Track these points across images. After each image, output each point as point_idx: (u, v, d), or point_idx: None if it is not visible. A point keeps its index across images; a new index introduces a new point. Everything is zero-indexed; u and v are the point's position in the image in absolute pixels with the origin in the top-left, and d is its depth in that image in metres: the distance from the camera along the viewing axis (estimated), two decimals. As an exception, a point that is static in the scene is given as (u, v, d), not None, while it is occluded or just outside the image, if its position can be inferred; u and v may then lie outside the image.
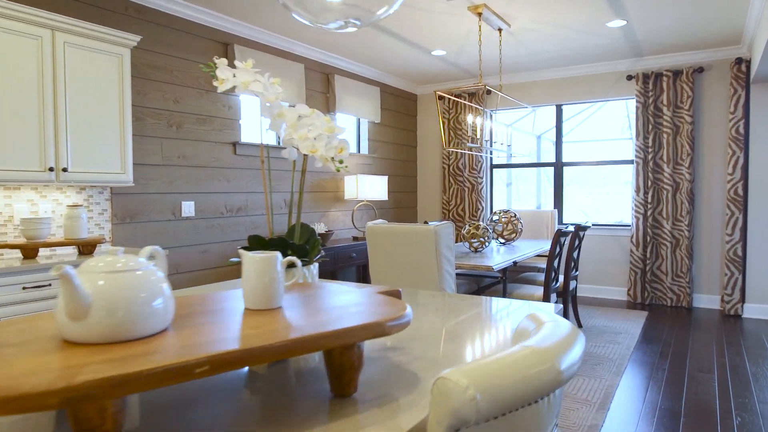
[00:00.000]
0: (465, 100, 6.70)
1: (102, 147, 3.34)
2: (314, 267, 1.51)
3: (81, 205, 3.23)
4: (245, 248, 1.57)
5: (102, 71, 3.32)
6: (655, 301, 5.76)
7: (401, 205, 6.98)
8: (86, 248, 3.22)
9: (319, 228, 5.08)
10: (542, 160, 6.72)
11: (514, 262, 3.75)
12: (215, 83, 1.42)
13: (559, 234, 3.83)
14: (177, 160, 4.12)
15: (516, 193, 7.04)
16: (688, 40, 5.11)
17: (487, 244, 4.25)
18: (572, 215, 6.46)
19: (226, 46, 4.48)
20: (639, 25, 4.66)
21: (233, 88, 1.38)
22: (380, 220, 3.48)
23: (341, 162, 1.35)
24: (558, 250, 3.93)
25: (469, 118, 4.02)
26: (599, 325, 4.84)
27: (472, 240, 4.24)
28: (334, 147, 1.35)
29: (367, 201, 6.05)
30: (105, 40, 3.31)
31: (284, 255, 1.51)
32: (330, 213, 5.72)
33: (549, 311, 1.07)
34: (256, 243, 1.54)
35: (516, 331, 1.07)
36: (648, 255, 5.71)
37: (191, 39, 4.19)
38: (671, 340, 4.38)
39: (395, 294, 1.14)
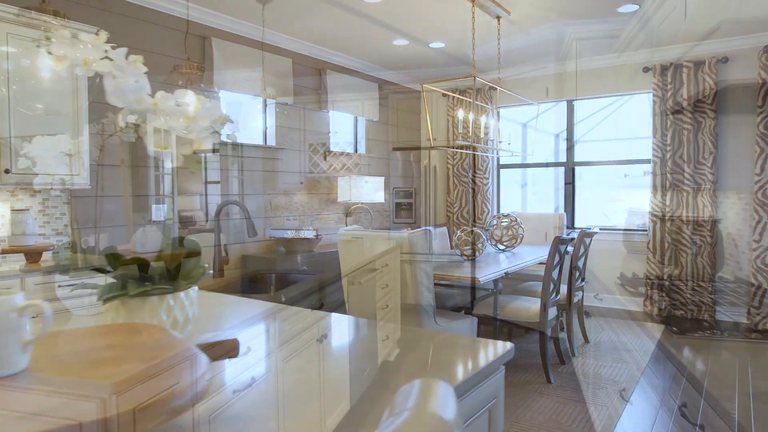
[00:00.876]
0: (469, 97, 6.31)
1: (53, 147, 3.08)
2: (186, 295, 1.19)
3: (27, 210, 2.98)
4: (97, 269, 1.26)
5: (52, 65, 3.07)
6: (673, 314, 5.28)
7: (404, 207, 6.63)
8: (32, 257, 2.97)
9: (307, 233, 4.77)
10: (560, 160, 6.29)
11: (506, 273, 3.38)
12: (51, 61, 1.11)
13: (558, 242, 3.44)
14: (147, 161, 3.85)
15: (533, 194, 6.60)
16: (709, 27, 4.64)
17: (481, 251, 3.88)
18: (592, 218, 5.99)
19: (203, 39, 4.21)
20: (653, 10, 4.22)
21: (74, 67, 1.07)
22: (354, 226, 3.15)
23: (198, 162, 1.03)
24: (557, 258, 3.53)
25: (460, 114, 3.66)
26: (608, 340, 4.41)
27: (464, 247, 3.88)
28: (188, 142, 1.03)
29: (362, 203, 5.72)
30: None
31: (141, 280, 1.19)
32: (322, 216, 5.41)
33: (451, 390, 0.72)
34: (114, 263, 1.22)
35: (400, 390, 0.74)
36: (666, 263, 5.24)
37: (162, 31, 3.92)
38: (688, 359, 3.94)
39: (228, 347, 0.81)
